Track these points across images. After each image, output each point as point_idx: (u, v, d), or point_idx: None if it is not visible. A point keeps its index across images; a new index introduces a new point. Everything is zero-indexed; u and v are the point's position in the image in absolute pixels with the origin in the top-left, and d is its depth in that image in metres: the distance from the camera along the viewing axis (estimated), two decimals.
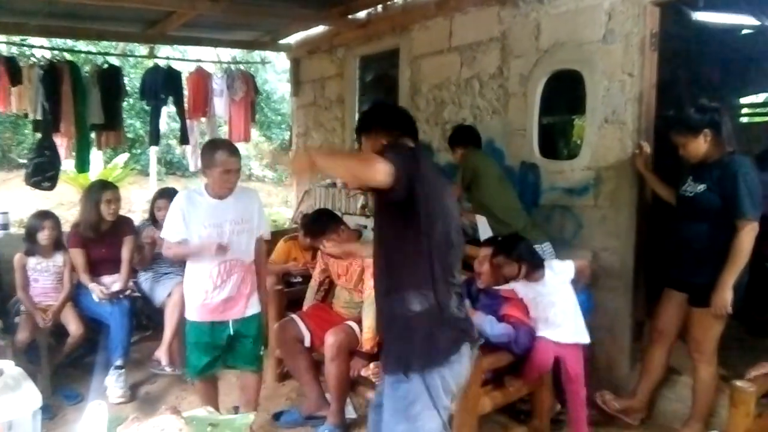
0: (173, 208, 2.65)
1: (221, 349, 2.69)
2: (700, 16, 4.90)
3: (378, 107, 2.80)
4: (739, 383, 2.12)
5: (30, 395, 1.05)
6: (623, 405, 2.90)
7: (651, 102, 3.09)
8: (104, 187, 3.65)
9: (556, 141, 5.22)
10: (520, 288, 2.71)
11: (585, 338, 2.67)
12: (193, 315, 2.68)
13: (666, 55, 3.24)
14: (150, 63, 5.95)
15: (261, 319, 2.82)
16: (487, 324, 2.53)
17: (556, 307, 2.64)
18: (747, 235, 2.44)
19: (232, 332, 2.66)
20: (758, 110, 6.85)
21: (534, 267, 2.69)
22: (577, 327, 2.65)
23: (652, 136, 3.12)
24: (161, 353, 3.42)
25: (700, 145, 2.57)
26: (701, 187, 2.57)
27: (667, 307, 2.81)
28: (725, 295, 2.48)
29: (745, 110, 6.82)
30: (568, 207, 3.42)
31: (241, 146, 9.01)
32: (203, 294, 2.62)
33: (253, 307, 2.74)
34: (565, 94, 3.82)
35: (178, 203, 2.65)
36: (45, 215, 3.51)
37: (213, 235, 2.59)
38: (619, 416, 2.87)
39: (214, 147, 2.64)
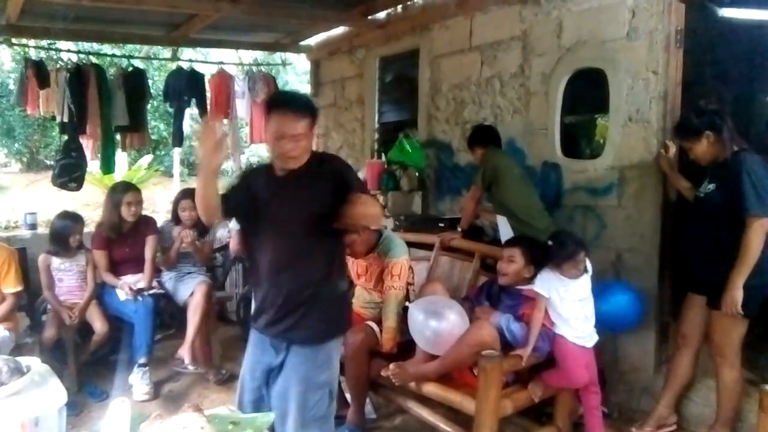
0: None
1: None
2: (727, 12, 4.78)
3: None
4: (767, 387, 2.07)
5: (56, 392, 1.07)
6: (653, 423, 2.84)
7: (676, 100, 3.03)
8: (126, 189, 3.70)
9: (579, 140, 5.14)
10: (552, 281, 2.63)
11: (595, 340, 2.63)
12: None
13: (692, 52, 3.18)
14: (173, 65, 6.04)
15: None
16: (503, 322, 2.51)
17: (582, 307, 2.60)
18: (755, 232, 2.39)
19: None
20: None
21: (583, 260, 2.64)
22: (587, 329, 2.61)
23: None
24: (184, 352, 3.46)
25: (704, 148, 2.57)
26: (711, 187, 2.57)
27: (689, 311, 2.76)
28: (735, 295, 2.44)
29: None
30: (591, 207, 3.37)
31: (262, 148, 9.04)
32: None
33: None
34: (588, 92, 3.76)
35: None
36: (72, 218, 3.57)
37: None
38: None
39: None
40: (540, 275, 2.63)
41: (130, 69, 5.44)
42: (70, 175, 4.90)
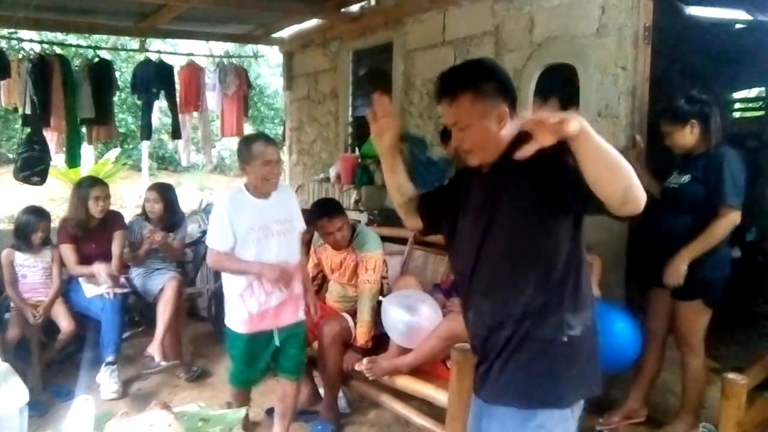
0: (217, 212, 2.46)
1: (268, 360, 2.58)
2: (693, 10, 4.90)
3: (483, 60, 1.75)
4: (730, 376, 2.13)
5: (17, 391, 1.03)
6: (621, 414, 2.88)
7: (644, 96, 3.09)
8: (93, 183, 3.61)
9: None
10: None
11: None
12: (240, 327, 2.50)
13: (659, 49, 3.24)
14: (141, 57, 5.90)
15: (304, 326, 2.70)
16: None
17: None
18: (726, 221, 2.45)
19: (278, 343, 2.54)
20: (750, 105, 6.87)
21: None
22: None
23: (645, 130, 3.11)
24: (154, 349, 3.40)
25: (686, 136, 2.59)
26: (686, 178, 2.58)
27: (655, 306, 2.79)
28: (680, 266, 2.49)
29: (737, 105, 6.84)
30: None
31: (233, 141, 8.94)
32: (255, 302, 2.47)
33: (301, 312, 2.64)
34: (560, 88, 3.81)
35: (223, 206, 2.45)
36: (38, 213, 3.46)
37: (261, 238, 2.43)
38: (624, 423, 2.85)
39: (248, 140, 2.51)
40: None
41: (96, 60, 5.29)
42: (33, 168, 4.76)
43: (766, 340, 2.76)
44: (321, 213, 2.94)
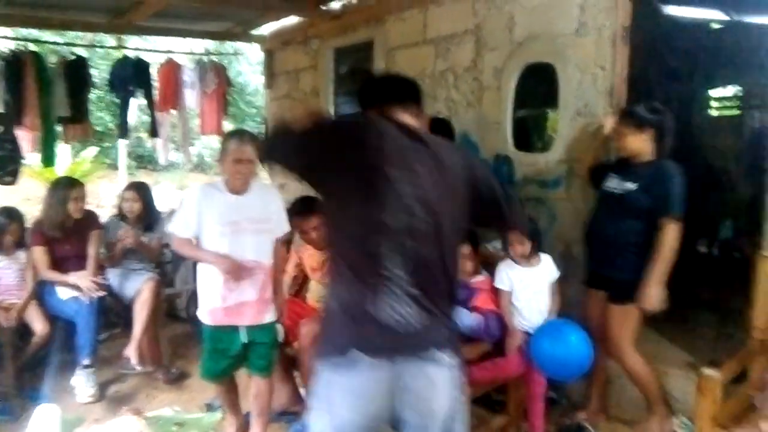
0: (188, 201, 2.56)
1: (237, 356, 2.58)
2: (671, 10, 4.97)
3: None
4: (706, 371, 2.17)
5: None
6: (582, 415, 2.91)
7: (622, 95, 3.11)
8: (71, 184, 3.54)
9: (531, 134, 5.25)
10: (506, 271, 2.69)
11: None
12: (206, 318, 2.55)
13: (637, 48, 3.27)
14: (119, 54, 5.80)
15: (276, 327, 2.67)
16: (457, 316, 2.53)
17: (536, 300, 2.65)
18: (674, 233, 2.52)
19: (246, 340, 2.53)
20: (726, 104, 6.99)
21: (539, 246, 2.69)
22: (541, 323, 2.66)
23: None
24: (130, 351, 3.34)
25: (639, 142, 2.62)
26: (632, 186, 2.60)
27: (594, 307, 2.82)
28: (657, 290, 2.53)
29: (714, 103, 6.96)
30: (542, 199, 3.44)
31: (213, 139, 8.84)
32: (218, 297, 2.50)
33: (270, 314, 2.61)
34: (540, 86, 3.83)
35: (194, 196, 2.55)
36: (10, 214, 3.38)
37: (228, 233, 2.46)
38: (584, 424, 2.88)
39: (227, 136, 2.60)
40: (498, 268, 2.70)
41: (72, 57, 5.18)
42: (5, 168, 4.65)
43: (740, 334, 2.80)
44: (296, 212, 2.92)
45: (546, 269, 2.72)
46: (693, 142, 6.16)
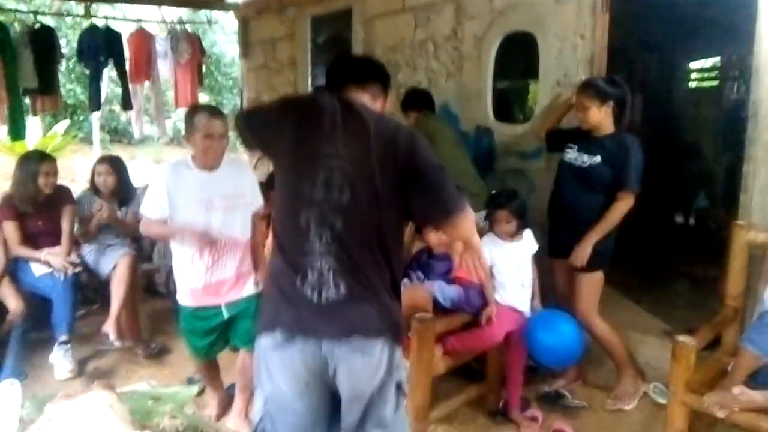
0: (156, 181, 2.43)
1: (219, 332, 2.54)
2: None
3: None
4: (680, 338, 2.21)
5: None
6: (561, 381, 2.96)
7: (602, 65, 3.10)
8: (41, 158, 3.42)
9: (512, 105, 5.23)
10: (490, 246, 2.70)
11: (526, 309, 2.71)
12: (185, 300, 2.49)
13: (618, 18, 3.24)
14: (88, 23, 5.58)
15: (258, 299, 2.56)
16: (436, 289, 2.54)
17: (519, 274, 2.66)
18: (625, 205, 2.62)
19: (226, 317, 2.49)
20: (706, 75, 7.03)
21: (523, 226, 2.69)
22: (523, 296, 2.69)
23: None
24: (108, 327, 3.29)
25: (600, 114, 2.64)
26: (596, 159, 2.65)
27: (559, 276, 2.89)
28: (586, 251, 2.63)
29: (693, 75, 6.99)
30: (522, 171, 3.44)
31: None
32: (195, 277, 2.43)
33: (249, 288, 2.55)
34: (521, 57, 3.80)
35: (162, 176, 2.43)
36: None
37: (201, 211, 2.38)
38: (563, 391, 2.92)
39: (193, 111, 2.45)
40: (482, 241, 2.69)
41: (38, 26, 4.98)
42: None
43: (715, 302, 2.86)
44: (271, 186, 2.87)
45: (527, 244, 2.73)
46: (672, 113, 6.21)
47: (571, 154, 2.75)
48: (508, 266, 2.67)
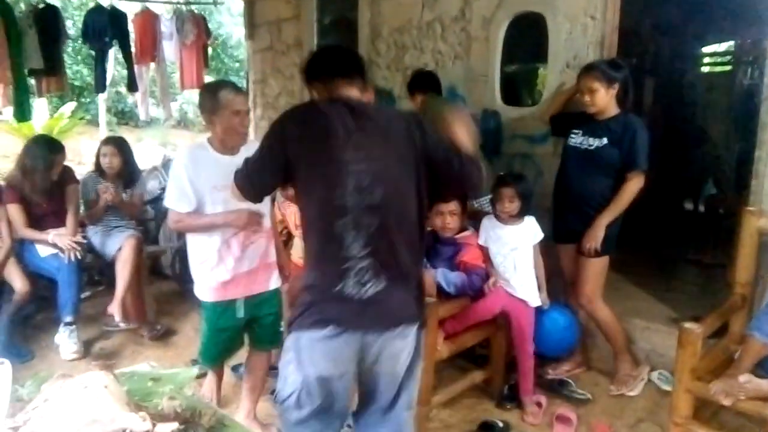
0: (175, 170, 2.20)
1: (241, 329, 2.40)
2: None
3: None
4: (686, 325, 2.18)
5: None
6: (565, 367, 2.98)
7: (613, 46, 3.04)
8: (57, 149, 3.42)
9: (521, 88, 5.15)
10: (488, 227, 2.68)
11: (534, 301, 2.67)
12: (210, 295, 2.30)
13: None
14: (92, 3, 5.54)
15: (279, 293, 2.49)
16: (440, 276, 2.52)
17: (512, 257, 2.63)
18: (635, 185, 2.62)
19: (242, 313, 2.33)
20: (719, 59, 6.90)
21: (527, 208, 2.66)
22: (527, 286, 2.66)
23: None
24: (114, 308, 3.31)
25: (606, 97, 2.64)
26: (603, 141, 2.65)
27: (566, 260, 2.88)
28: (599, 234, 2.64)
29: (706, 59, 6.86)
30: (529, 155, 3.39)
31: (194, 94, 8.61)
32: (224, 269, 2.25)
33: (275, 281, 2.43)
34: (530, 40, 3.73)
35: (181, 164, 2.20)
36: None
37: (228, 198, 2.09)
38: (567, 378, 2.92)
39: (215, 88, 2.21)
40: (483, 222, 2.68)
41: (42, 6, 4.94)
42: None
43: (723, 290, 2.83)
44: None
45: (527, 230, 2.68)
46: (683, 98, 6.11)
47: (576, 139, 2.74)
48: (503, 249, 2.65)
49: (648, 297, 3.45)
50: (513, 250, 2.64)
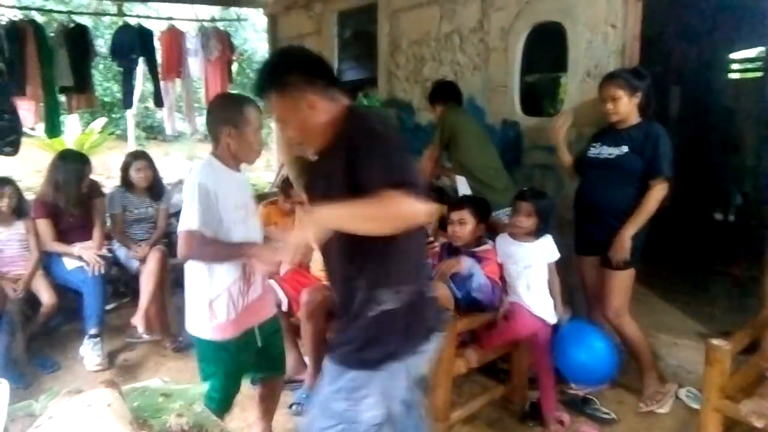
0: (198, 187, 1.94)
1: (251, 365, 2.20)
2: None
3: (284, 51, 1.85)
4: (714, 341, 2.10)
5: None
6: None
7: (634, 55, 2.99)
8: (84, 161, 3.54)
9: (542, 99, 5.11)
10: (502, 245, 2.64)
11: (551, 318, 2.62)
12: (226, 332, 2.03)
13: (652, 6, 3.12)
14: (120, 22, 5.70)
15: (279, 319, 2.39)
16: (476, 271, 2.48)
17: (525, 275, 2.59)
18: (660, 193, 2.56)
19: (261, 342, 2.15)
20: (749, 66, 6.72)
21: (545, 227, 2.61)
22: (542, 304, 2.60)
23: None
24: (137, 320, 3.37)
25: (629, 105, 2.61)
26: (623, 150, 2.60)
27: (589, 273, 2.82)
28: (626, 244, 2.57)
29: (735, 66, 6.69)
30: (549, 166, 3.34)
31: None
32: (239, 301, 2.04)
33: (273, 306, 2.31)
34: (551, 50, 3.70)
35: (205, 178, 1.97)
36: (2, 182, 3.36)
37: (242, 218, 2.02)
38: (591, 395, 2.84)
39: (240, 102, 2.04)
40: (497, 239, 2.64)
41: (72, 25, 5.10)
42: (4, 139, 4.59)
43: (754, 303, 2.73)
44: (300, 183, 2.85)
45: (542, 248, 2.62)
46: (711, 106, 5.96)
47: (595, 149, 2.71)
48: (515, 266, 2.60)
49: (675, 311, 3.35)
50: (526, 268, 2.59)
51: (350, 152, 1.37)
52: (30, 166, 7.64)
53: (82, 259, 3.39)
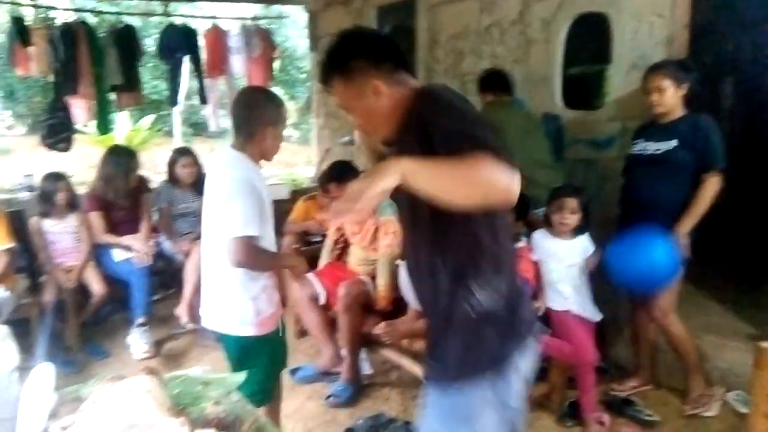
0: (244, 185, 1.87)
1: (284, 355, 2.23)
2: None
3: (346, 34, 1.44)
4: (764, 344, 2.01)
5: (7, 355, 1.03)
6: (631, 383, 2.85)
7: (682, 45, 2.88)
8: (133, 154, 3.70)
9: (588, 91, 4.96)
10: (540, 242, 2.60)
11: (594, 315, 2.57)
12: (269, 325, 2.04)
13: None
14: (166, 21, 5.86)
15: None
16: None
17: (569, 273, 2.54)
18: (714, 186, 2.48)
19: (281, 330, 2.16)
20: None
21: (587, 223, 2.57)
22: (585, 302, 2.56)
23: None
24: (181, 310, 3.48)
25: (675, 97, 2.53)
26: (672, 144, 2.51)
27: None
28: (684, 242, 2.49)
29: None
30: (592, 161, 3.26)
31: None
32: (273, 292, 2.08)
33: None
34: (594, 41, 3.59)
35: (254, 177, 1.91)
36: (56, 177, 3.53)
37: (269, 220, 2.00)
38: (633, 397, 2.79)
39: (278, 100, 2.04)
40: (533, 236, 2.60)
41: (121, 25, 5.29)
42: (58, 135, 4.82)
43: None
44: (334, 177, 2.89)
45: (583, 245, 2.58)
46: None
47: (640, 146, 2.63)
48: (559, 265, 2.55)
49: (724, 311, 3.22)
50: (570, 267, 2.54)
51: (425, 127, 1.21)
52: (82, 162, 7.95)
53: (130, 250, 3.53)
